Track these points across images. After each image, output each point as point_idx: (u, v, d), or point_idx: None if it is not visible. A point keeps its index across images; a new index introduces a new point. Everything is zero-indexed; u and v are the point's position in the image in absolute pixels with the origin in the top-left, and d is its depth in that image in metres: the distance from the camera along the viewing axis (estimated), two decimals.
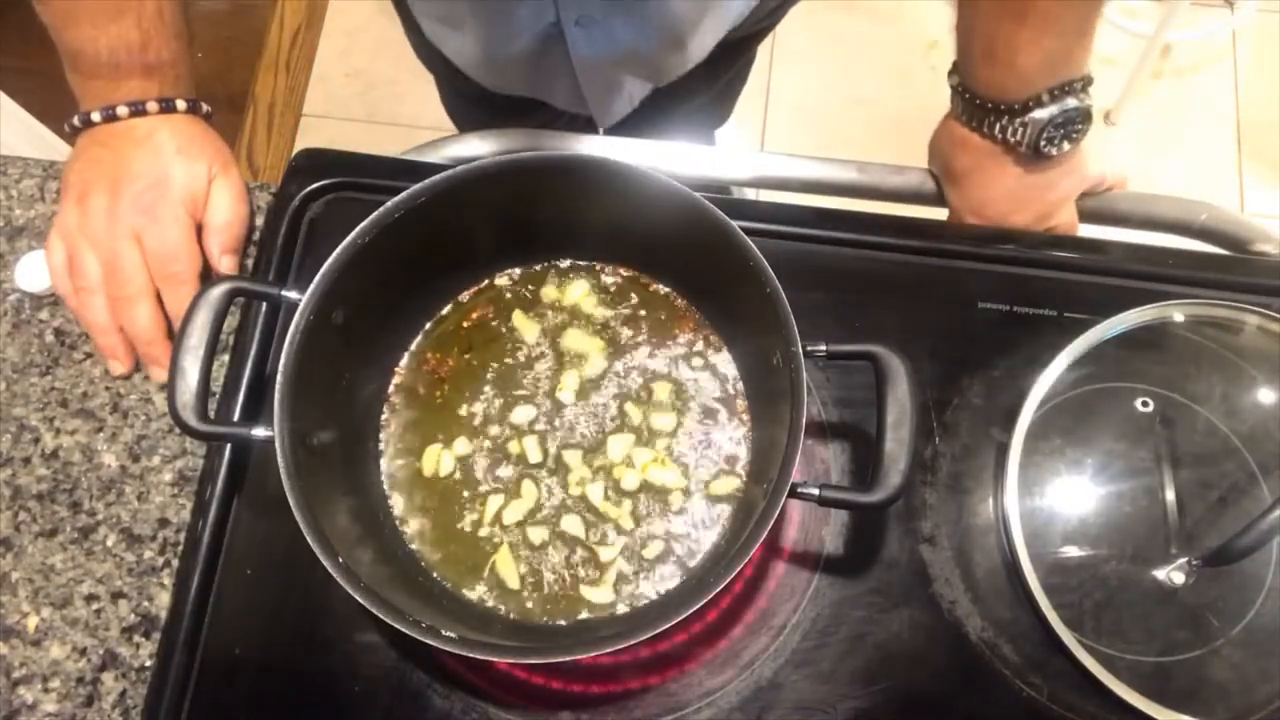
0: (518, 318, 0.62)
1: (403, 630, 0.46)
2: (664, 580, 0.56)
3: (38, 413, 0.64)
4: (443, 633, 0.46)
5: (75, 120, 0.63)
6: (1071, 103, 0.63)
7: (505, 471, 0.58)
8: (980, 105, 0.65)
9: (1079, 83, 0.63)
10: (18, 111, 1.28)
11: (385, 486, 0.58)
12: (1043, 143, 0.64)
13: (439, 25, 0.83)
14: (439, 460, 0.58)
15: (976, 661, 0.58)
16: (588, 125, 1.11)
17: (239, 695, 0.57)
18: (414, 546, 0.57)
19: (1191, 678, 0.56)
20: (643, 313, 0.62)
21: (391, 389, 0.60)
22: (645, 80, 0.89)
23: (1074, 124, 0.64)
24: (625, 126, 1.01)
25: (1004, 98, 0.64)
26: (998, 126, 0.65)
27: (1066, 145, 0.65)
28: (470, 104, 1.06)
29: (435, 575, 0.56)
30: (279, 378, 0.50)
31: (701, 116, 1.22)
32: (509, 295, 0.62)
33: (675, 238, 0.56)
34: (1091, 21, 0.61)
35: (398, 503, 0.58)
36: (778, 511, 0.47)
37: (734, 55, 0.92)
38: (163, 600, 0.60)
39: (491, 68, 0.85)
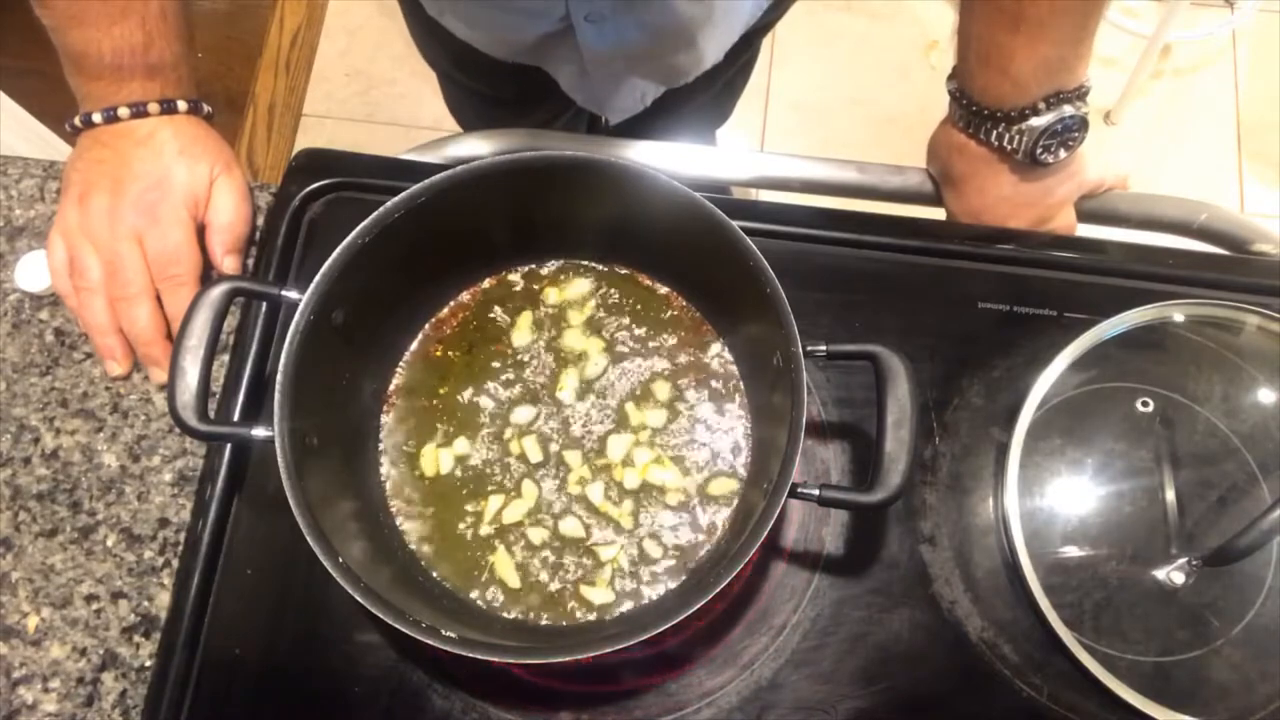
0: (518, 317, 0.62)
1: (403, 630, 0.46)
2: (664, 580, 0.56)
3: (38, 413, 0.64)
4: (443, 633, 0.46)
5: (76, 121, 0.63)
6: (1068, 111, 0.62)
7: (505, 471, 0.58)
8: (977, 112, 0.65)
9: (1076, 91, 0.63)
10: (18, 111, 1.28)
11: (385, 486, 0.58)
12: (1039, 151, 0.64)
13: (445, 3, 0.83)
14: (439, 460, 0.58)
15: (976, 661, 0.58)
16: (592, 122, 1.11)
17: (239, 695, 0.57)
18: (414, 546, 0.57)
19: (1191, 678, 0.56)
20: (643, 312, 0.62)
21: (391, 389, 0.60)
22: (658, 82, 0.89)
23: (1070, 132, 0.64)
24: (628, 125, 1.01)
25: (1000, 105, 0.64)
26: (994, 133, 0.65)
27: (1063, 153, 0.65)
28: (471, 99, 1.06)
29: (435, 575, 0.56)
30: (279, 378, 0.50)
31: (703, 115, 1.22)
32: (509, 295, 0.62)
33: (675, 238, 0.56)
34: (1088, 30, 0.61)
35: (398, 502, 0.58)
36: (778, 512, 0.47)
37: (738, 51, 0.92)
38: (163, 600, 0.60)
39: (499, 48, 0.85)
